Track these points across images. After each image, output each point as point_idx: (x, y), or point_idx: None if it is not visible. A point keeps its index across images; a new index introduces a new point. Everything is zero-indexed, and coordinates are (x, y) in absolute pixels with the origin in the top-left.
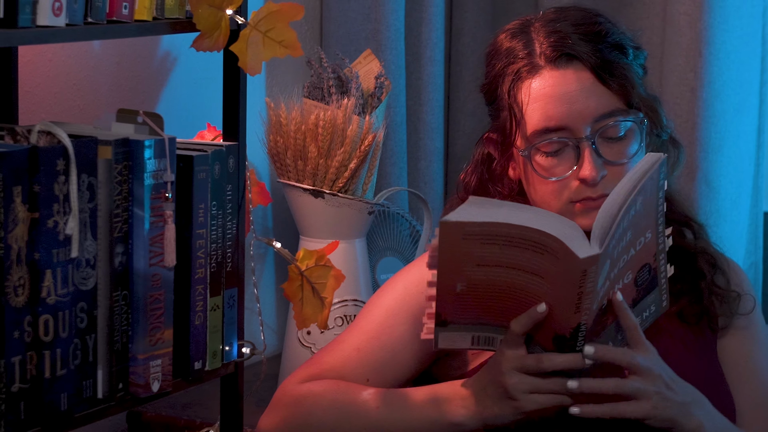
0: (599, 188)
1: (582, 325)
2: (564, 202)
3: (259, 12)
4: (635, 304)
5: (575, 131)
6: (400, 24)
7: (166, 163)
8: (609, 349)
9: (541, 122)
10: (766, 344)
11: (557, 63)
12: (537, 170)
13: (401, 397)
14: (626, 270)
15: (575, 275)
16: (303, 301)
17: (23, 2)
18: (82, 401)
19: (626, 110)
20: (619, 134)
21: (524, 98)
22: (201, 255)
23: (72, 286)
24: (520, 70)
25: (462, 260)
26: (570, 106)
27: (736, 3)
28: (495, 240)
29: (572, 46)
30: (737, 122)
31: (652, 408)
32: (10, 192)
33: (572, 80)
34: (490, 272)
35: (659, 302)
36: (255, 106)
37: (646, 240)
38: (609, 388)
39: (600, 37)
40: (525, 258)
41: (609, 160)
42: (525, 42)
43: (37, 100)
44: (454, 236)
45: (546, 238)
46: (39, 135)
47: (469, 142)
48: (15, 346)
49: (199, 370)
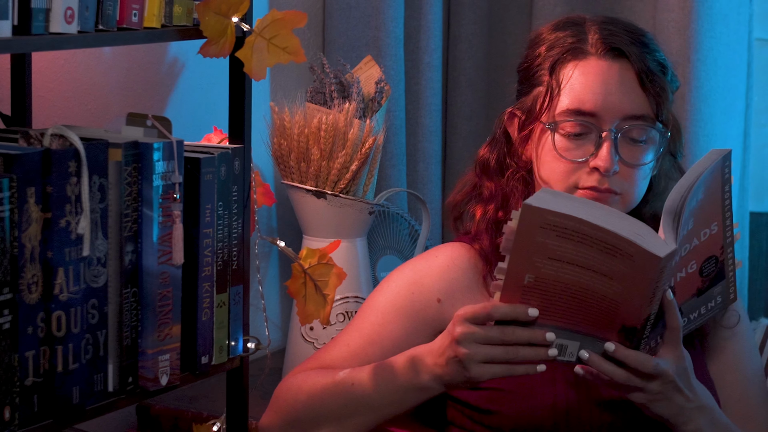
0: (607, 182)
1: (652, 315)
2: (570, 185)
3: (264, 19)
4: (700, 294)
5: (603, 122)
6: (399, 31)
7: (174, 165)
8: (629, 352)
9: (575, 103)
10: (750, 346)
11: (606, 55)
12: (555, 147)
13: (379, 368)
14: (690, 259)
15: (653, 273)
16: (306, 297)
17: (37, 10)
18: (93, 394)
19: (654, 119)
20: (641, 138)
21: (565, 78)
22: (208, 253)
23: (83, 283)
24: (568, 51)
25: (536, 250)
26: (606, 96)
27: (723, 11)
28: (570, 235)
29: (624, 44)
30: (724, 125)
31: (649, 401)
32: (24, 193)
33: (616, 74)
34: (560, 268)
35: (726, 294)
36: (260, 110)
37: (711, 231)
38: (620, 374)
39: (648, 49)
40: (597, 259)
41: (624, 159)
42: (576, 32)
43: (49, 105)
44: (533, 222)
45: (621, 242)
46: (52, 138)
47: (466, 145)
48: (29, 341)
49: (205, 364)
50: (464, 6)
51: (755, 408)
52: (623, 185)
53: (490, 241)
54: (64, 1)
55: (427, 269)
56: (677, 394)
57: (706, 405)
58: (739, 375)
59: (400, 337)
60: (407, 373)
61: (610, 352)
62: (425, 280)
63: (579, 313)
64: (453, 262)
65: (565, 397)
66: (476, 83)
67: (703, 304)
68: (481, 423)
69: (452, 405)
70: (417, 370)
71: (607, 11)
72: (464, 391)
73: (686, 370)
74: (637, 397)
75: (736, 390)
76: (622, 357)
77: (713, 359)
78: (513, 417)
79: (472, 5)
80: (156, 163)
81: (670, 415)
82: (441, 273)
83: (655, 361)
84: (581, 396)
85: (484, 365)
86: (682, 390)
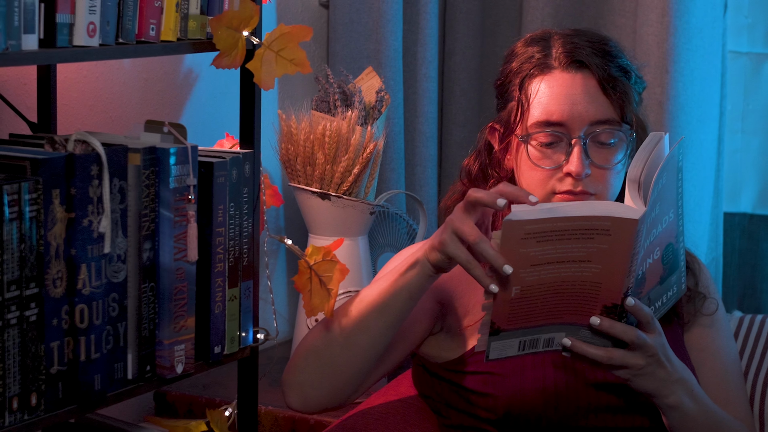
0: (582, 185)
1: (629, 289)
2: (547, 191)
3: (272, 33)
4: (662, 282)
5: (572, 130)
6: (398, 44)
7: (188, 169)
8: (612, 323)
9: (543, 115)
10: (728, 334)
11: (569, 67)
12: (530, 157)
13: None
14: (656, 245)
15: (630, 239)
16: (311, 292)
17: (61, 24)
18: (114, 382)
19: (620, 122)
20: (609, 141)
21: (533, 92)
22: (220, 251)
23: (105, 278)
24: (534, 67)
25: (520, 262)
26: (572, 106)
27: (699, 25)
28: (549, 236)
29: (585, 56)
30: (699, 132)
31: (634, 376)
32: (49, 194)
33: (579, 84)
34: (542, 271)
35: (680, 284)
36: (268, 118)
37: (669, 219)
38: (601, 355)
39: (610, 56)
40: (575, 248)
41: (595, 162)
42: (543, 47)
43: (73, 113)
44: (515, 236)
45: (597, 221)
46: (75, 143)
47: (460, 150)
48: (54, 333)
49: (218, 353)
50: (458, 21)
51: (733, 392)
52: (597, 186)
53: None
54: (86, 16)
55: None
56: (659, 368)
57: (686, 378)
58: (718, 361)
59: None
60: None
61: (595, 325)
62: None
63: (562, 305)
64: None
65: (554, 380)
66: (469, 93)
67: (665, 293)
68: (477, 404)
69: (449, 388)
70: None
71: (591, 25)
72: (460, 375)
73: (664, 345)
74: (621, 374)
75: (716, 374)
76: (607, 328)
77: (693, 347)
78: (505, 399)
79: (465, 21)
80: (172, 166)
81: (654, 389)
82: None
83: (637, 331)
84: (569, 378)
85: (458, 242)
86: (663, 363)
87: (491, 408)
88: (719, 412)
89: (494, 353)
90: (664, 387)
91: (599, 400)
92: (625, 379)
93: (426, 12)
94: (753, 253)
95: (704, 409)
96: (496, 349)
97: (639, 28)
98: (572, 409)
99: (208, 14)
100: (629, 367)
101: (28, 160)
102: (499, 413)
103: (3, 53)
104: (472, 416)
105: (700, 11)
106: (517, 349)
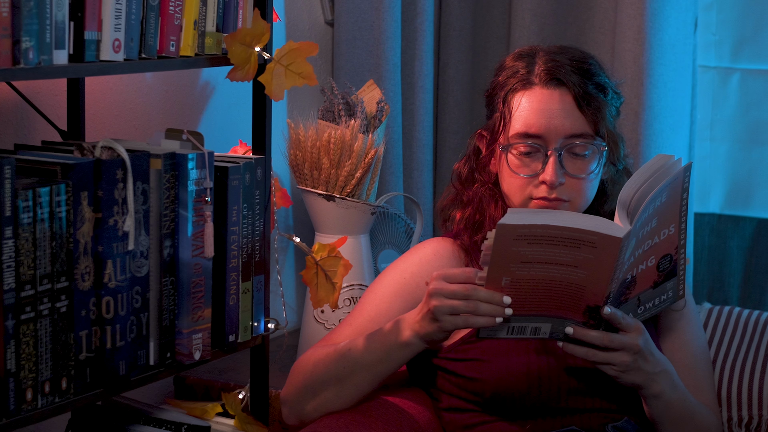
0: (556, 193)
1: (611, 293)
2: (525, 196)
3: (282, 49)
4: (656, 286)
5: (548, 142)
6: (397, 59)
7: (205, 173)
8: (585, 332)
9: (523, 128)
10: (698, 325)
11: (548, 84)
12: (509, 165)
13: (372, 333)
14: (650, 254)
15: (613, 253)
16: (318, 285)
17: (89, 41)
18: (137, 367)
19: (593, 136)
20: (584, 153)
21: (515, 105)
22: (234, 248)
23: (129, 273)
24: (517, 82)
25: (510, 259)
26: (549, 120)
27: (671, 41)
28: (539, 240)
29: (564, 74)
30: (672, 139)
31: (622, 372)
32: (78, 196)
33: (557, 100)
34: (532, 268)
35: (676, 290)
36: (278, 126)
37: (669, 232)
38: (579, 353)
39: (589, 75)
40: (563, 253)
41: (569, 172)
42: (527, 63)
43: (100, 121)
44: (508, 237)
45: (584, 234)
46: (102, 150)
47: (454, 155)
48: (83, 322)
49: (232, 342)
50: (452, 38)
51: (702, 380)
52: (571, 194)
53: (469, 237)
54: (112, 33)
55: (417, 258)
56: (645, 362)
57: (668, 369)
58: (687, 352)
59: (395, 315)
60: (392, 333)
61: (570, 335)
62: (415, 267)
63: (549, 300)
64: (438, 252)
65: (537, 365)
66: (462, 103)
67: (657, 296)
68: (466, 389)
69: (441, 375)
70: (400, 328)
71: (573, 42)
72: (451, 362)
73: (648, 340)
74: (608, 370)
75: (687, 364)
76: (581, 336)
77: (665, 339)
78: (492, 383)
79: (458, 38)
80: (190, 171)
81: (641, 381)
82: (429, 260)
83: (614, 336)
84: (551, 363)
85: (451, 316)
86: (647, 357)
87: (479, 391)
88: (693, 399)
89: (484, 332)
90: (650, 379)
91: (578, 383)
92: (614, 376)
93: (422, 30)
94: (721, 250)
95: (683, 398)
96: (487, 329)
97: (617, 45)
98: (554, 391)
99: (224, 31)
100: (615, 365)
101: (59, 165)
102: (486, 395)
103: (36, 67)
104: (463, 399)
105: (673, 29)
106: (506, 332)
